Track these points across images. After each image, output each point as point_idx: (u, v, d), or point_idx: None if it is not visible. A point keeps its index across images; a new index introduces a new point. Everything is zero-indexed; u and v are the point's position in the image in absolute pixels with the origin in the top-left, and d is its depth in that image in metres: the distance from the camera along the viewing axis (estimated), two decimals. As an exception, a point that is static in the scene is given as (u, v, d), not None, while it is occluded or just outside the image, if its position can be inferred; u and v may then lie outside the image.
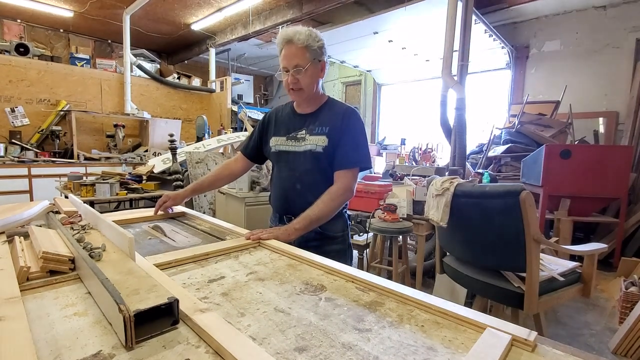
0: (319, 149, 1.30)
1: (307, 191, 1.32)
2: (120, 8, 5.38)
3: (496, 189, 1.56)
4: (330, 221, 1.31)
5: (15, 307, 0.61)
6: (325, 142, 1.30)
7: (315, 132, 1.33)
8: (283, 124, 1.44)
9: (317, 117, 1.37)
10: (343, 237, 1.40)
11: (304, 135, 1.35)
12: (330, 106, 1.38)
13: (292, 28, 1.28)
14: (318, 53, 1.29)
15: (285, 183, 1.38)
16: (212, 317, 0.61)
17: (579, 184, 3.11)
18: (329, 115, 1.35)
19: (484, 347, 0.55)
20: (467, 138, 3.23)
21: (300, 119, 1.40)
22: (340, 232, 1.39)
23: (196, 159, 3.68)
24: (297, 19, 4.97)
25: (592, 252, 1.69)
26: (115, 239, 0.92)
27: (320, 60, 1.31)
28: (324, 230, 1.34)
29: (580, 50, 4.71)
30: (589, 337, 2.23)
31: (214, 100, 7.31)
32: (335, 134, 1.30)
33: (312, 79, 1.30)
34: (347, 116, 1.32)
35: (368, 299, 0.76)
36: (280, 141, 1.41)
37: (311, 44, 1.26)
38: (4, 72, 5.19)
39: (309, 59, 1.26)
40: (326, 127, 1.32)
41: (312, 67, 1.28)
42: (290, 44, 1.26)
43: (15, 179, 4.61)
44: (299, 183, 1.35)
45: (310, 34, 1.26)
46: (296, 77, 1.28)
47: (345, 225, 1.41)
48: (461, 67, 3.28)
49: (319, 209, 1.23)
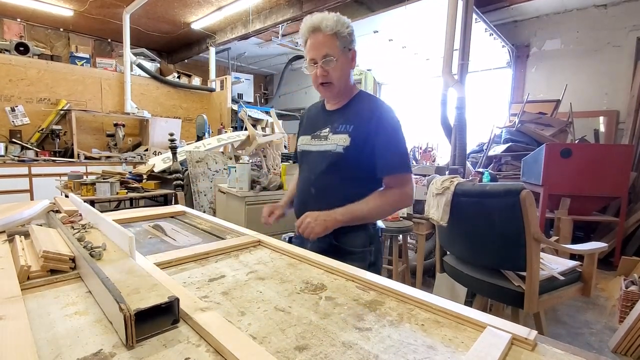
0: (339, 149, 1.16)
1: (321, 196, 1.21)
2: (120, 7, 5.37)
3: (496, 188, 1.56)
4: (348, 233, 1.17)
5: (16, 306, 0.61)
6: (347, 141, 1.15)
7: (339, 130, 1.19)
8: (311, 122, 1.33)
9: (343, 113, 1.23)
10: (363, 253, 1.21)
11: (327, 133, 1.22)
12: (358, 101, 1.23)
13: (318, 14, 1.14)
14: (348, 40, 1.15)
15: (303, 185, 1.29)
16: (212, 316, 0.61)
17: (579, 183, 3.11)
18: (355, 112, 1.20)
19: (484, 346, 0.55)
20: (468, 137, 3.22)
21: (327, 116, 1.27)
22: (359, 247, 1.20)
23: (196, 158, 3.68)
24: (298, 17, 4.97)
25: (592, 251, 1.69)
26: (115, 238, 0.92)
27: (351, 48, 1.18)
28: (339, 242, 1.19)
29: (580, 49, 4.71)
30: (589, 336, 2.23)
31: (214, 99, 7.31)
32: (362, 133, 1.15)
33: (343, 70, 1.17)
34: (378, 114, 1.16)
35: (368, 298, 0.76)
36: (305, 140, 1.30)
37: (340, 31, 1.12)
38: (4, 71, 5.19)
39: (339, 48, 1.13)
40: (350, 125, 1.18)
41: (343, 56, 1.15)
42: (317, 32, 1.13)
43: (15, 178, 4.61)
44: (313, 186, 1.23)
45: (339, 19, 1.13)
46: (326, 70, 1.14)
47: (367, 240, 1.22)
48: (461, 66, 3.27)
49: (368, 208, 1.11)
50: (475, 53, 3.89)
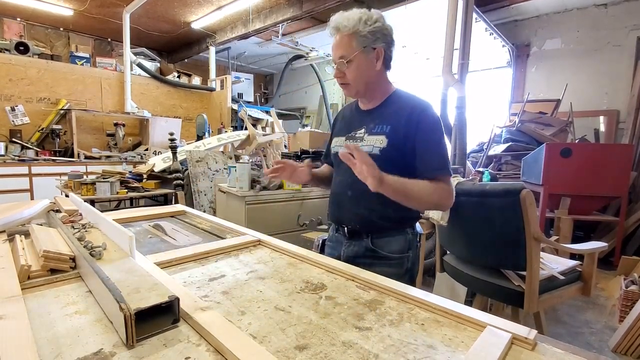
0: (375, 150, 1.12)
1: (358, 200, 1.17)
2: (120, 6, 5.37)
3: (496, 188, 1.56)
4: (385, 237, 1.15)
5: (17, 306, 0.61)
6: (384, 142, 1.11)
7: (375, 131, 1.15)
8: (345, 123, 1.30)
9: (379, 113, 1.19)
10: (400, 260, 1.16)
11: (362, 135, 1.19)
12: (395, 100, 1.19)
13: (341, 13, 1.11)
14: (369, 39, 1.10)
15: (338, 188, 1.25)
16: (212, 315, 0.61)
17: (580, 182, 3.10)
18: (392, 112, 1.16)
19: (484, 346, 0.55)
20: (468, 136, 3.22)
21: (361, 117, 1.24)
22: (397, 252, 1.17)
23: (196, 158, 3.68)
24: (298, 17, 4.97)
25: (592, 251, 1.69)
26: (115, 237, 0.92)
27: (375, 47, 1.12)
28: (375, 246, 1.17)
29: (581, 49, 4.70)
30: (589, 336, 2.23)
31: (214, 99, 7.30)
32: (399, 133, 1.11)
33: (360, 71, 1.13)
34: (417, 112, 1.11)
35: (368, 298, 0.76)
36: (339, 142, 1.27)
37: (360, 30, 1.08)
38: (4, 70, 5.18)
39: (355, 48, 1.10)
40: (387, 125, 1.14)
41: (361, 56, 1.11)
42: (337, 32, 1.12)
43: (15, 177, 4.61)
44: (350, 190, 1.19)
45: (362, 17, 1.09)
46: (341, 71, 1.13)
47: (406, 246, 1.18)
48: (462, 65, 3.27)
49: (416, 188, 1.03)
50: (476, 52, 3.88)
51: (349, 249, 1.22)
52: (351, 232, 1.23)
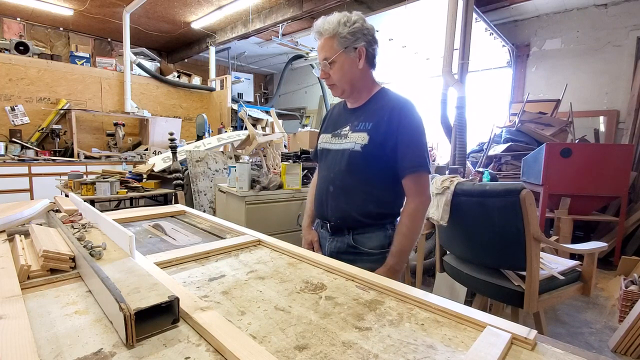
0: (357, 147, 1.15)
1: (340, 195, 1.20)
2: (120, 6, 5.37)
3: (496, 188, 1.56)
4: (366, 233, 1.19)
5: (16, 306, 0.61)
6: (366, 140, 1.15)
7: (358, 128, 1.19)
8: (333, 121, 1.33)
9: (363, 111, 1.22)
10: (382, 255, 1.18)
11: (347, 132, 1.22)
12: (379, 99, 1.22)
13: (323, 18, 1.16)
14: (350, 40, 1.14)
15: (321, 184, 1.28)
16: (212, 315, 0.61)
17: (579, 182, 3.10)
18: (375, 110, 1.19)
19: (484, 346, 0.55)
20: (468, 136, 3.22)
21: (347, 115, 1.27)
22: (377, 248, 1.19)
23: (196, 158, 3.68)
24: (298, 17, 4.96)
25: (592, 251, 1.69)
26: (115, 237, 0.92)
27: (356, 47, 1.15)
28: (356, 243, 1.20)
29: (580, 49, 4.70)
30: (589, 336, 2.23)
31: (214, 98, 7.30)
32: (381, 130, 1.14)
33: (343, 70, 1.16)
34: (398, 110, 1.15)
35: (368, 298, 0.76)
36: (325, 138, 1.30)
37: (340, 31, 1.13)
38: (3, 70, 5.18)
39: (337, 50, 1.14)
40: (369, 123, 1.17)
41: (343, 57, 1.14)
42: (320, 36, 1.17)
43: (15, 177, 4.61)
44: (332, 185, 1.22)
45: (341, 19, 1.13)
46: (326, 72, 1.18)
47: (386, 241, 1.20)
48: (462, 65, 3.27)
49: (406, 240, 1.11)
50: (476, 52, 3.88)
51: (332, 245, 1.24)
52: (334, 228, 1.25)
